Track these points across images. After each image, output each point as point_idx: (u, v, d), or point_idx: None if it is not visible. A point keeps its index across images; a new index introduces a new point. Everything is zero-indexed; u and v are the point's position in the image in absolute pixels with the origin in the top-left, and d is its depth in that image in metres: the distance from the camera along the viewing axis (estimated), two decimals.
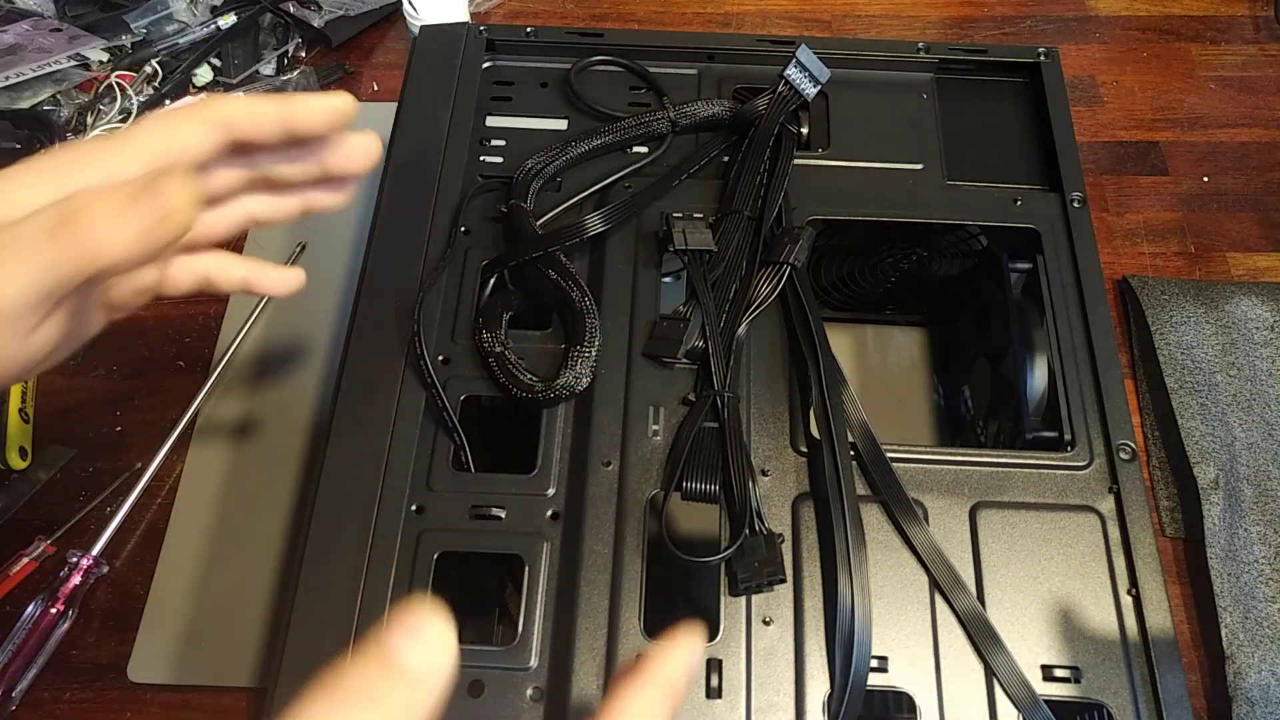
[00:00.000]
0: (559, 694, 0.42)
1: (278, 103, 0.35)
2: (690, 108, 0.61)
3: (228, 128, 0.34)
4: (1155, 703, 0.43)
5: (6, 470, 0.66)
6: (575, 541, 0.46)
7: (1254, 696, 0.56)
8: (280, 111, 0.35)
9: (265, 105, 0.35)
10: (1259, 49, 0.90)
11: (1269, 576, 0.60)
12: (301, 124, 0.36)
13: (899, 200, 0.59)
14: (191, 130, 0.34)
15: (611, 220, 0.54)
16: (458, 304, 0.54)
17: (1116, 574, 0.46)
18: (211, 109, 0.34)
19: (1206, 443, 0.65)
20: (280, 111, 0.35)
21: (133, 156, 0.32)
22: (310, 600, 0.44)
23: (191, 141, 0.34)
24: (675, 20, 0.92)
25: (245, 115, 0.35)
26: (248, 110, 0.35)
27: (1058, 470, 0.49)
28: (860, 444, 0.48)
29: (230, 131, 0.35)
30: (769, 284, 0.53)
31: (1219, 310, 0.71)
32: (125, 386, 0.70)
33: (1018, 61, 0.64)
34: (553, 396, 0.49)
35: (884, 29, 0.92)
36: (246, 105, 0.35)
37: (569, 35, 0.65)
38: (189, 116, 0.34)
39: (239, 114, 0.34)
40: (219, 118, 0.34)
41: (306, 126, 0.37)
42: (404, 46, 0.90)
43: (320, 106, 0.36)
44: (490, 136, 0.61)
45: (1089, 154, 0.83)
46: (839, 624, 0.43)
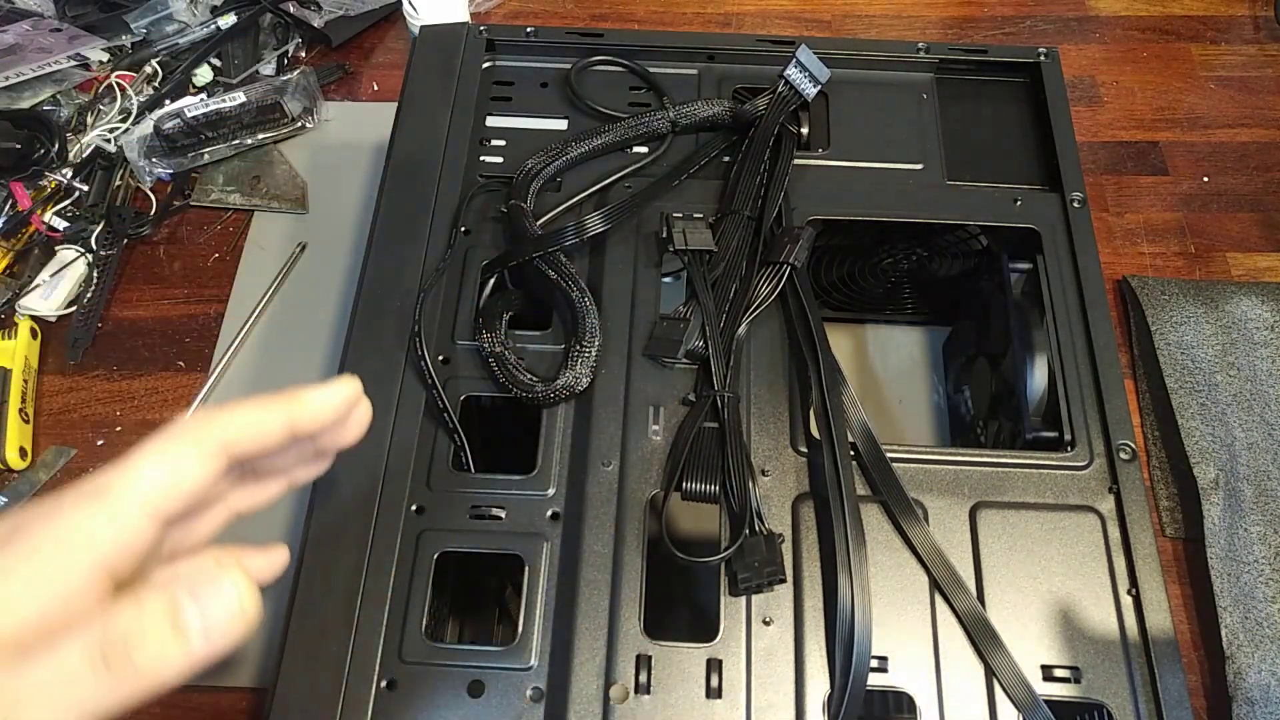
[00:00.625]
0: (559, 694, 0.42)
1: (283, 408, 0.32)
2: (690, 108, 0.61)
3: (230, 452, 0.30)
4: (1155, 703, 0.43)
5: (6, 470, 0.66)
6: (575, 541, 0.46)
7: (1254, 696, 0.56)
8: (287, 419, 0.32)
9: (270, 416, 0.31)
10: (1259, 49, 0.90)
11: (1269, 576, 0.60)
12: (310, 426, 0.33)
13: (899, 200, 0.59)
14: (191, 467, 0.29)
15: (611, 220, 0.54)
16: (458, 304, 0.54)
17: (1116, 574, 0.46)
18: (211, 432, 0.30)
19: (1206, 443, 0.65)
20: (287, 419, 0.32)
21: (131, 516, 0.27)
22: (310, 600, 0.44)
23: (192, 480, 0.29)
24: (675, 20, 0.92)
25: (250, 435, 0.31)
26: (252, 428, 0.31)
27: (1058, 470, 0.49)
28: (860, 444, 0.48)
29: (233, 455, 0.30)
30: (769, 284, 0.53)
31: (1219, 310, 0.71)
32: (125, 386, 0.70)
33: (1018, 61, 0.64)
34: (553, 396, 0.49)
35: (884, 29, 0.92)
36: (250, 421, 0.31)
37: (569, 35, 0.65)
38: (187, 447, 0.29)
39: (243, 434, 0.30)
40: (221, 442, 0.30)
41: (316, 426, 0.33)
42: (404, 46, 0.90)
43: (330, 403, 0.33)
44: (490, 136, 0.61)
45: (1089, 154, 0.83)
46: (839, 624, 0.43)
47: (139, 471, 0.28)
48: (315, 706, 0.41)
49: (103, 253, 0.75)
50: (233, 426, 0.30)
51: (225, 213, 0.79)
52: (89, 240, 0.76)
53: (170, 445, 0.29)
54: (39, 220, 0.76)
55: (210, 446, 0.29)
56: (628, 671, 0.43)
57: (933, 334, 0.70)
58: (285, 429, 0.31)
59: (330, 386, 0.33)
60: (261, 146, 0.82)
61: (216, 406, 0.30)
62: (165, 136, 0.78)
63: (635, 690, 0.43)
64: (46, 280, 0.73)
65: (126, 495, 0.27)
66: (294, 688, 0.42)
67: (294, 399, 0.32)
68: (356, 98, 0.87)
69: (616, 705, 0.42)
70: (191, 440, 0.29)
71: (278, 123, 0.82)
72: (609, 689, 0.43)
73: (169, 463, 0.28)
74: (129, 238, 0.77)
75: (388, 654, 0.43)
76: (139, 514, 0.27)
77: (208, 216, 0.79)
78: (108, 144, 0.81)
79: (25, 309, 0.72)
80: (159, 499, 0.28)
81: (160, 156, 0.79)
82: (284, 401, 0.32)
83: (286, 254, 0.76)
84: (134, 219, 0.77)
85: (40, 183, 0.78)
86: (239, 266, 0.76)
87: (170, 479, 0.28)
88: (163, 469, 0.28)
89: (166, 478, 0.28)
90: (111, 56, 0.86)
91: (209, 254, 0.77)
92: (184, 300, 0.75)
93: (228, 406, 0.30)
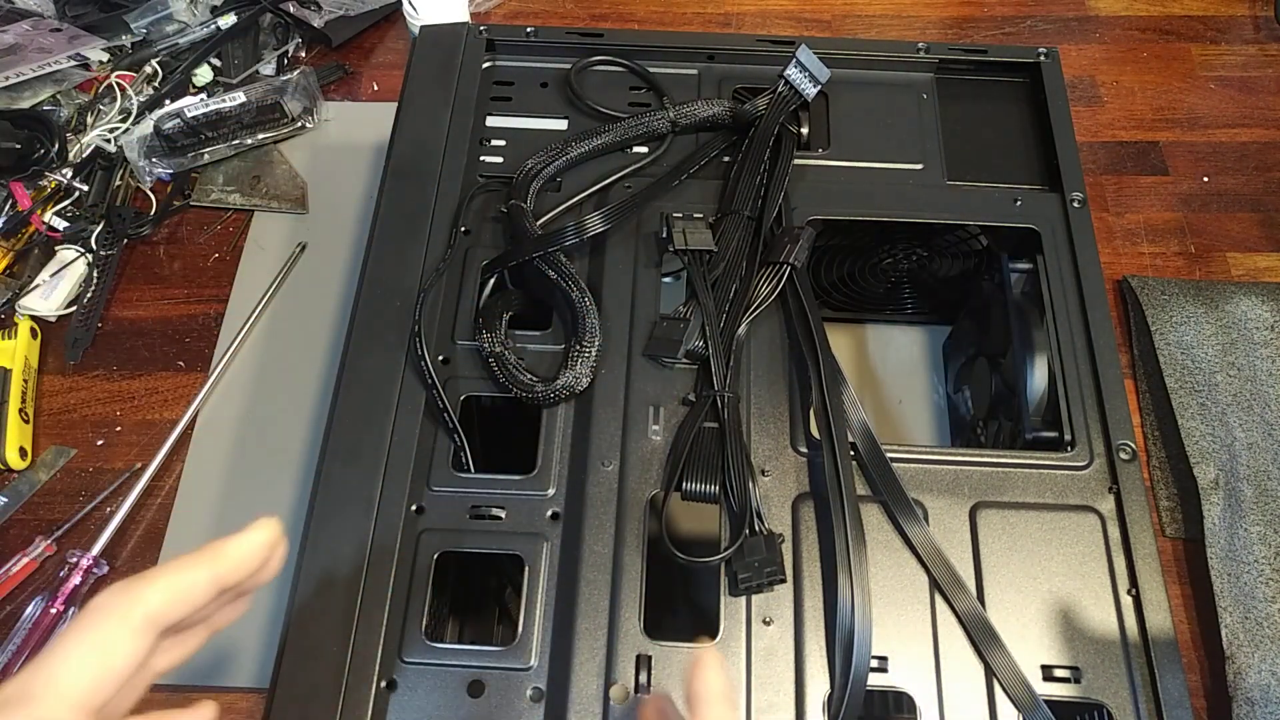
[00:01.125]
0: (559, 694, 0.42)
1: (208, 565, 0.30)
2: (690, 108, 0.61)
3: (159, 624, 0.29)
4: (1155, 703, 0.43)
5: (6, 470, 0.66)
6: (575, 541, 0.46)
7: (1254, 696, 0.56)
8: (212, 576, 0.30)
9: (194, 576, 0.30)
10: (1259, 49, 0.90)
11: (1269, 576, 0.60)
12: (236, 577, 0.32)
13: (899, 200, 0.59)
14: (120, 652, 0.27)
15: (611, 220, 0.54)
16: (458, 304, 0.54)
17: (1116, 574, 0.46)
18: (137, 607, 0.28)
19: (1206, 443, 0.65)
20: (212, 576, 0.30)
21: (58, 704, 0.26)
22: (310, 600, 0.44)
23: (121, 665, 0.27)
24: (675, 20, 0.92)
25: (177, 601, 0.29)
26: (179, 593, 0.29)
27: (1058, 470, 0.49)
28: (860, 444, 0.48)
29: (161, 626, 0.29)
30: (769, 284, 0.53)
31: (1219, 310, 0.71)
32: (125, 386, 0.70)
33: (1018, 61, 0.64)
34: (553, 396, 0.49)
35: (884, 29, 0.92)
36: (176, 587, 0.29)
37: (569, 35, 0.65)
38: (114, 629, 0.27)
39: (170, 603, 0.29)
40: (148, 617, 0.28)
41: (242, 576, 0.32)
42: (404, 46, 0.90)
43: (254, 551, 0.32)
44: (490, 136, 0.61)
45: (1089, 154, 0.83)
46: (839, 624, 0.43)
47: (65, 668, 0.26)
48: (315, 706, 0.41)
49: (103, 253, 0.75)
50: (158, 596, 0.29)
51: (225, 213, 0.79)
52: (89, 240, 0.76)
53: (95, 632, 0.27)
54: (39, 220, 0.76)
55: (137, 623, 0.28)
56: (628, 671, 0.43)
57: (933, 334, 0.70)
58: (211, 586, 0.30)
59: (251, 534, 0.32)
60: (261, 146, 0.82)
61: (137, 576, 0.29)
62: (165, 136, 0.78)
63: (635, 690, 0.43)
64: (46, 280, 0.73)
65: (52, 699, 0.26)
66: (294, 688, 0.42)
67: (217, 554, 0.31)
68: (356, 98, 0.87)
69: (616, 705, 0.42)
70: (118, 620, 0.27)
71: (278, 123, 0.82)
72: (609, 689, 0.43)
73: (96, 653, 0.27)
74: (129, 238, 0.77)
75: (388, 654, 0.43)
76: (76, 698, 0.26)
77: (208, 216, 0.79)
78: (108, 144, 0.81)
79: (25, 309, 0.72)
80: (88, 693, 0.26)
81: (160, 156, 0.79)
82: (207, 558, 0.31)
83: (286, 254, 0.76)
84: (134, 219, 0.77)
85: (40, 183, 0.78)
86: (239, 266, 0.76)
87: (98, 670, 0.27)
88: (90, 661, 0.26)
89: (94, 670, 0.26)
90: (111, 56, 0.86)
91: (209, 254, 0.77)
92: (184, 300, 0.75)
93: (149, 575, 0.29)
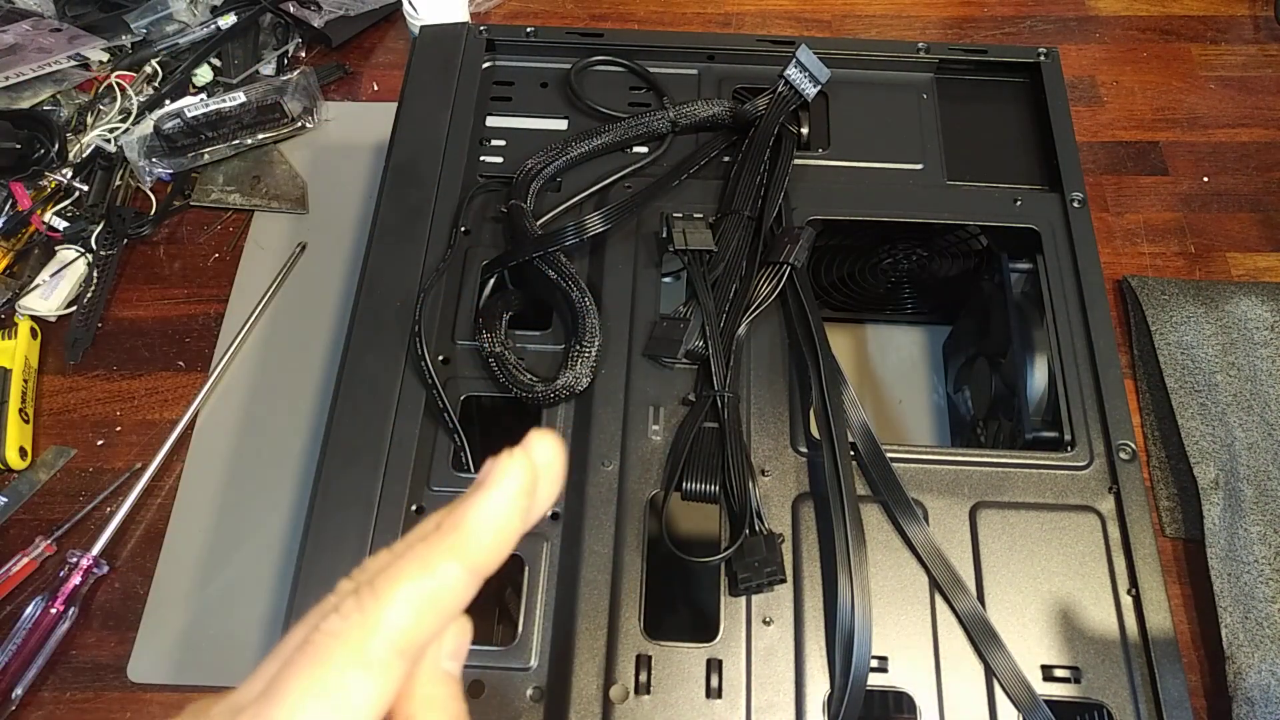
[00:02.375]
0: (559, 694, 0.42)
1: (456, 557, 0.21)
2: (690, 108, 0.61)
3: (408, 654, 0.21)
4: (1155, 703, 0.43)
5: (6, 470, 0.66)
6: (575, 541, 0.46)
7: (1254, 696, 0.56)
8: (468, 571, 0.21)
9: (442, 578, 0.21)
10: (1259, 49, 0.90)
11: (1269, 576, 0.60)
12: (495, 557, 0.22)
13: (899, 200, 0.59)
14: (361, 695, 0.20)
15: (611, 220, 0.54)
16: (458, 304, 0.54)
17: (1116, 574, 0.46)
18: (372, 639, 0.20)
19: (1206, 443, 0.65)
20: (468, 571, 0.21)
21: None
22: (310, 600, 0.44)
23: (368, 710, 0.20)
24: (675, 20, 0.92)
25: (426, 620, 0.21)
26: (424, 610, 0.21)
27: (1058, 470, 0.49)
28: (860, 444, 0.48)
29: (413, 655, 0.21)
30: (769, 284, 0.53)
31: (1219, 310, 0.71)
32: (125, 386, 0.70)
33: (1018, 61, 0.64)
34: (553, 396, 0.49)
35: (884, 29, 0.92)
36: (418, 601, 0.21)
37: (569, 35, 0.65)
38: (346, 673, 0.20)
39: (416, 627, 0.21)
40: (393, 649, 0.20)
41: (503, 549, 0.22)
42: (404, 46, 0.90)
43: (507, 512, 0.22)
44: (490, 136, 0.61)
45: (1089, 154, 0.83)
46: (839, 624, 0.43)
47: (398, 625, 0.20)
48: None
49: (103, 253, 0.75)
50: (401, 618, 0.20)
51: (225, 213, 0.79)
52: (89, 240, 0.76)
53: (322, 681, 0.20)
54: (39, 220, 0.76)
55: (381, 656, 0.20)
56: (628, 671, 0.43)
57: (933, 334, 0.70)
58: (471, 583, 0.21)
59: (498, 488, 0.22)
60: (261, 146, 0.82)
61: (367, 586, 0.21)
62: (165, 136, 0.78)
63: (635, 690, 0.43)
64: (46, 280, 0.73)
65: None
66: None
67: (465, 535, 0.21)
68: (356, 98, 0.87)
69: (616, 705, 0.42)
70: (349, 660, 0.20)
71: (278, 123, 0.82)
72: (609, 689, 0.43)
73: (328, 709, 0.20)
74: (129, 238, 0.77)
75: None
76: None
77: (208, 216, 0.79)
78: (108, 144, 0.81)
79: (25, 309, 0.72)
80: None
81: (160, 156, 0.79)
82: (457, 548, 0.21)
83: (286, 254, 0.76)
84: (134, 219, 0.77)
85: (40, 183, 0.78)
86: (239, 266, 0.76)
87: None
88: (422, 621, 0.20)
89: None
90: (111, 56, 0.86)
91: (209, 254, 0.77)
92: (184, 300, 0.75)
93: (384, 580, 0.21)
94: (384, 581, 0.21)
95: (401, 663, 0.20)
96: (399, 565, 0.21)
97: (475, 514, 0.21)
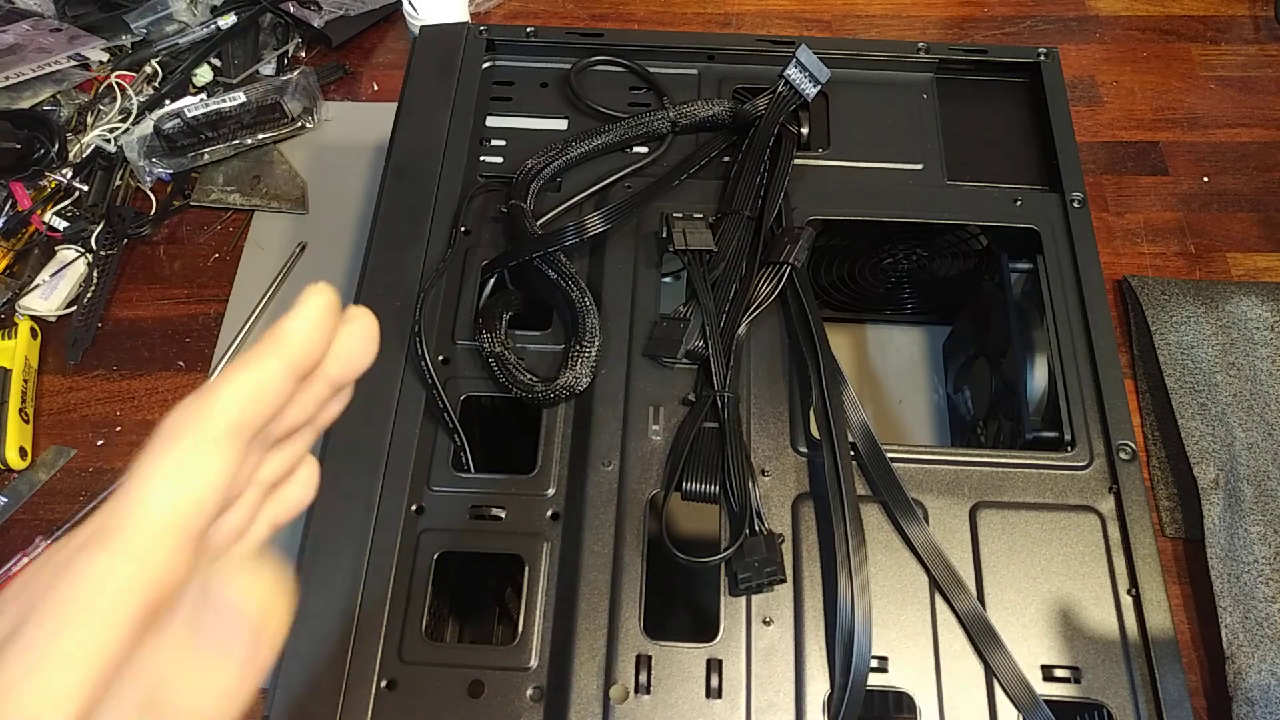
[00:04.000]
0: (559, 694, 0.42)
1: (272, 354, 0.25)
2: (690, 108, 0.61)
3: (242, 432, 0.24)
4: (1155, 703, 0.43)
5: (6, 470, 0.66)
6: (575, 541, 0.46)
7: (1254, 696, 0.56)
8: (283, 365, 0.25)
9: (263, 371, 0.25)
10: (1259, 49, 0.90)
11: (1269, 576, 0.60)
12: (310, 357, 0.26)
13: (899, 200, 0.59)
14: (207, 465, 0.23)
15: (611, 220, 0.54)
16: (458, 304, 0.54)
17: (1116, 574, 0.46)
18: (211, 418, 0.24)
19: (1206, 443, 0.65)
20: (283, 365, 0.25)
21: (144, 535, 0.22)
22: (310, 600, 0.44)
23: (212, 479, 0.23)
24: (675, 20, 0.92)
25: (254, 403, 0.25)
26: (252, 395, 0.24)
27: (1058, 470, 0.49)
28: (860, 444, 0.48)
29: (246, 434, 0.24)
30: (769, 284, 0.53)
31: (1219, 310, 0.71)
32: (125, 386, 0.70)
33: (1018, 61, 0.64)
34: (553, 396, 0.49)
35: (884, 29, 0.92)
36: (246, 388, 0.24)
37: (569, 35, 0.65)
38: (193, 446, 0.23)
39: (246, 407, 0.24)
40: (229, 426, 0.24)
41: (315, 355, 0.26)
42: (404, 46, 0.90)
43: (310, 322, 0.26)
44: (490, 136, 0.61)
45: (1089, 154, 0.83)
46: (839, 624, 0.43)
47: (147, 496, 0.23)
48: (315, 706, 0.41)
49: (103, 253, 0.75)
50: (233, 401, 0.24)
51: (225, 213, 0.79)
52: (89, 240, 0.76)
53: (171, 455, 0.23)
54: (39, 220, 0.76)
55: (219, 433, 0.24)
56: (628, 671, 0.43)
57: (933, 334, 0.70)
58: (289, 376, 0.25)
59: (302, 306, 0.26)
60: (261, 146, 0.82)
61: (205, 386, 0.24)
62: (165, 136, 0.78)
63: (635, 690, 0.43)
64: (46, 280, 0.73)
65: (139, 531, 0.22)
66: (294, 688, 0.42)
67: (279, 339, 0.25)
68: (356, 98, 0.87)
69: (616, 705, 0.42)
70: (195, 436, 0.24)
71: (278, 123, 0.82)
72: (609, 689, 0.43)
73: (179, 475, 0.23)
74: (129, 238, 0.77)
75: (388, 654, 0.43)
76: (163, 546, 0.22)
77: (208, 216, 0.79)
78: (108, 144, 0.81)
79: (25, 309, 0.72)
80: (181, 522, 0.23)
81: (160, 156, 0.79)
82: (271, 347, 0.25)
83: (286, 254, 0.76)
84: (134, 219, 0.77)
85: (40, 183, 0.78)
86: (239, 266, 0.76)
87: (183, 494, 0.23)
88: (174, 485, 0.23)
89: (179, 494, 0.23)
90: (111, 56, 0.86)
91: (209, 254, 0.77)
92: (184, 300, 0.75)
93: (218, 380, 0.24)
94: (215, 381, 0.25)
95: (236, 441, 0.24)
96: (228, 369, 0.25)
97: (289, 320, 0.26)
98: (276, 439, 0.28)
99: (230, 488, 0.24)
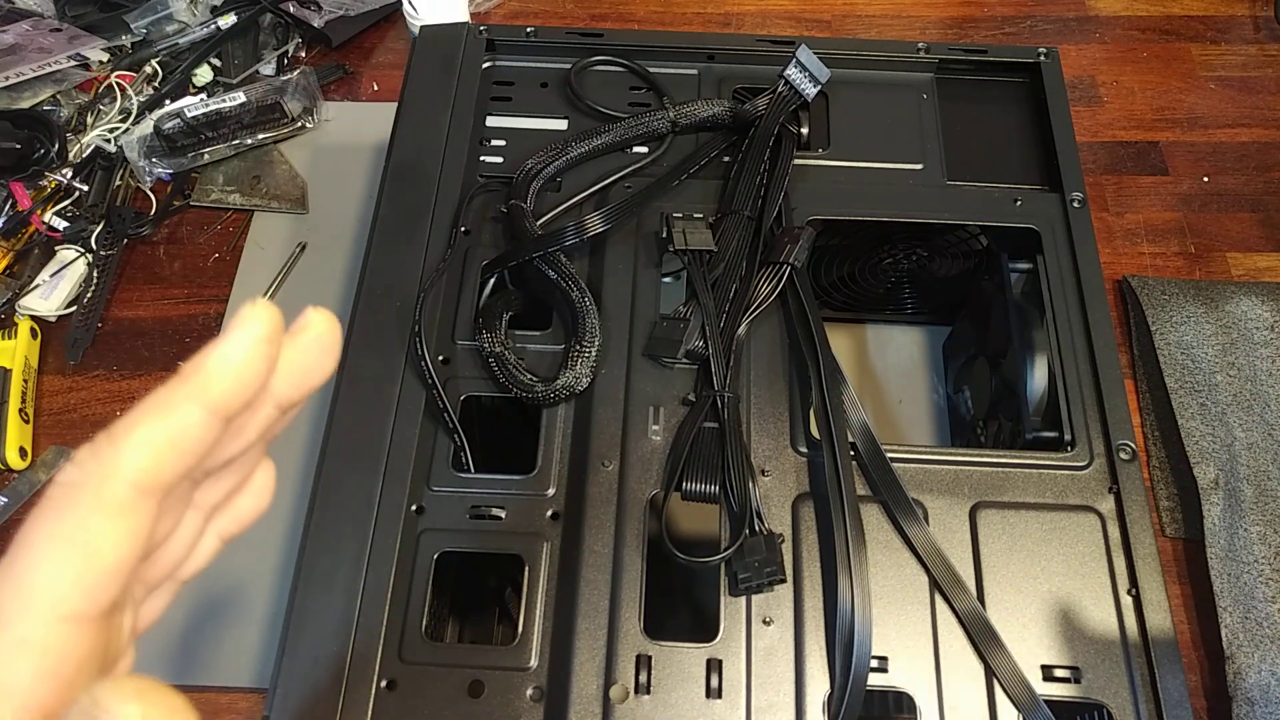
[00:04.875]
0: (559, 694, 0.42)
1: (190, 397, 0.21)
2: (690, 108, 0.61)
3: (152, 489, 0.21)
4: (1155, 703, 0.43)
5: (6, 470, 0.66)
6: (575, 541, 0.46)
7: (1254, 696, 0.56)
8: (203, 408, 0.21)
9: (179, 417, 0.21)
10: (1259, 49, 0.90)
11: (1269, 576, 0.60)
12: (238, 397, 0.22)
13: (899, 200, 0.59)
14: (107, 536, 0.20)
15: (611, 220, 0.54)
16: (458, 304, 0.54)
17: (1116, 574, 0.46)
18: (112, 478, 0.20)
19: (1206, 443, 0.65)
20: (203, 408, 0.21)
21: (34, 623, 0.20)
22: (310, 600, 0.44)
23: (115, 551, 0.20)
24: (675, 20, 0.92)
25: (168, 456, 0.21)
26: (165, 447, 0.21)
27: (1058, 470, 0.49)
28: (860, 444, 0.48)
29: (159, 490, 0.21)
30: (769, 284, 0.53)
31: (1219, 310, 0.71)
32: (125, 386, 0.70)
33: (1018, 61, 0.64)
34: (553, 396, 0.49)
35: (884, 29, 0.92)
36: (157, 438, 0.21)
37: (569, 35, 0.65)
38: (89, 513, 0.20)
39: (157, 461, 0.21)
40: (135, 486, 0.20)
41: (246, 393, 0.22)
42: (404, 46, 0.90)
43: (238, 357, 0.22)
44: (490, 136, 0.61)
45: (1089, 154, 0.83)
46: (839, 624, 0.43)
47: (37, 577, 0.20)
48: (315, 706, 0.41)
49: (103, 253, 0.75)
50: (141, 456, 0.21)
51: (225, 213, 0.79)
52: (89, 240, 0.76)
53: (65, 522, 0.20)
54: (39, 220, 0.76)
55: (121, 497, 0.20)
56: (628, 671, 0.43)
57: (933, 334, 0.70)
58: (210, 421, 0.22)
59: (232, 336, 0.22)
60: (261, 146, 0.82)
61: (106, 433, 0.21)
62: (165, 136, 0.78)
63: (635, 690, 0.43)
64: (46, 280, 0.73)
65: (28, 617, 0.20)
66: (294, 688, 0.42)
67: (199, 377, 0.21)
68: (356, 98, 0.87)
69: (616, 705, 0.42)
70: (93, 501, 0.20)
71: (278, 123, 0.82)
72: (609, 689, 0.43)
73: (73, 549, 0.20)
74: (129, 238, 0.77)
75: (388, 654, 0.43)
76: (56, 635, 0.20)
77: (208, 216, 0.79)
78: (108, 144, 0.81)
79: (25, 309, 0.72)
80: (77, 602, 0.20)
81: (160, 156, 0.79)
82: (190, 387, 0.21)
83: (286, 254, 0.76)
84: (134, 219, 0.77)
85: (40, 183, 0.78)
86: (239, 266, 0.76)
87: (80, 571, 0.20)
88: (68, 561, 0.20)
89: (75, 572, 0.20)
90: (111, 56, 0.86)
91: (209, 254, 0.77)
92: (184, 300, 0.75)
93: (123, 426, 0.21)
94: (120, 429, 0.21)
95: (146, 502, 0.21)
96: (136, 413, 0.21)
97: (213, 358, 0.22)
98: (213, 471, 0.25)
99: (149, 542, 0.21)
